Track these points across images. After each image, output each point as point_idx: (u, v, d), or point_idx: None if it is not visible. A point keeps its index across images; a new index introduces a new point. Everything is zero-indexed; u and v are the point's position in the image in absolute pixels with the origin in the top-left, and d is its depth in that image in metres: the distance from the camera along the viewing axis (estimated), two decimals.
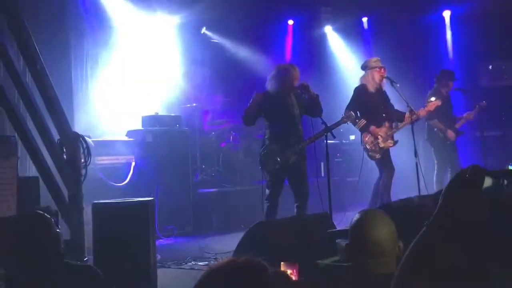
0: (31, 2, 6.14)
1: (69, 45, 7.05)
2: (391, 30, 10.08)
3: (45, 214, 2.78)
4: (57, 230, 2.78)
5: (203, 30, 9.66)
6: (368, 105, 6.61)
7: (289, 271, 2.95)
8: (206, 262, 5.37)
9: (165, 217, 6.69)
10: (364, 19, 10.69)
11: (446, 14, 10.02)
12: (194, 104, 8.41)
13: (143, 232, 4.34)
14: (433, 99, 6.78)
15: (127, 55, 8.02)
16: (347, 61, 10.71)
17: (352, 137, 9.81)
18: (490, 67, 9.98)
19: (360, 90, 6.72)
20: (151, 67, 8.34)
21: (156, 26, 8.66)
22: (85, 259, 4.49)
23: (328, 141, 5.97)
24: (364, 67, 6.83)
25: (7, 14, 3.85)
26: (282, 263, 3.02)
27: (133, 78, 8.02)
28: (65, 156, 4.40)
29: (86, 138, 4.78)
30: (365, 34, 10.71)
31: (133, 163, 6.79)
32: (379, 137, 6.54)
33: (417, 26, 9.89)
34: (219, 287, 1.37)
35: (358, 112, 6.59)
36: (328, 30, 10.96)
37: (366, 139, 6.58)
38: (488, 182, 1.76)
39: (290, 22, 10.71)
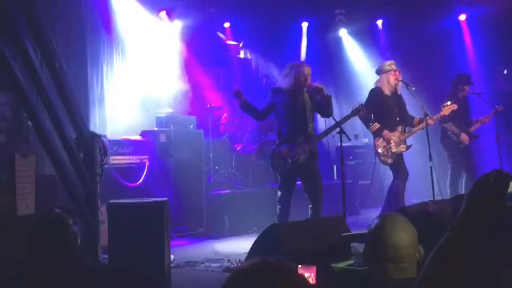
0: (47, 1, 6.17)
1: (85, 44, 7.08)
2: (406, 33, 10.03)
3: (63, 213, 2.80)
4: (75, 229, 2.79)
5: (219, 34, 9.68)
6: (383, 108, 6.59)
7: (306, 274, 2.94)
8: (219, 264, 5.36)
9: (178, 218, 6.70)
10: (379, 22, 10.64)
11: (462, 17, 9.96)
12: (208, 105, 8.42)
13: (158, 232, 4.35)
14: (448, 103, 6.73)
15: (141, 55, 8.05)
16: (361, 64, 10.67)
17: (365, 140, 9.78)
18: (505, 71, 9.91)
19: (375, 93, 6.70)
20: (165, 67, 8.37)
21: (171, 27, 8.69)
22: (100, 259, 4.51)
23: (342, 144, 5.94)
24: (378, 71, 6.82)
25: (26, 12, 3.88)
26: (299, 266, 3.00)
27: (147, 78, 8.04)
28: (81, 155, 4.43)
29: (102, 138, 4.81)
30: (380, 37, 10.67)
31: (147, 163, 6.80)
32: (391, 141, 6.51)
33: (433, 30, 9.81)
34: (250, 285, 1.36)
35: (372, 115, 6.57)
36: (343, 33, 10.93)
37: (378, 143, 6.55)
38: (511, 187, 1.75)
39: (305, 24, 10.70)
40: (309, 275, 2.97)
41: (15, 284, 2.55)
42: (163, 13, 8.58)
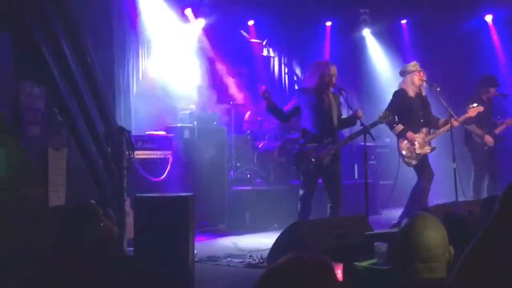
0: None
1: (111, 40, 7.16)
2: (431, 34, 9.96)
3: (94, 205, 2.85)
4: (106, 220, 2.84)
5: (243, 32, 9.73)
6: (407, 109, 6.57)
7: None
8: (241, 260, 5.41)
9: (200, 214, 6.75)
10: (403, 22, 10.58)
11: (488, 18, 9.85)
12: (231, 102, 8.47)
13: (183, 226, 4.41)
14: (474, 105, 6.69)
15: (166, 51, 8.13)
16: (384, 64, 10.62)
17: (387, 140, 9.74)
18: None
19: (400, 94, 6.69)
20: (189, 64, 8.43)
21: (195, 24, 8.76)
22: (125, 251, 4.58)
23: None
24: (402, 72, 6.80)
25: (59, 9, 3.95)
26: None
27: (171, 75, 8.12)
28: (109, 149, 4.50)
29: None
30: (404, 37, 10.60)
31: (171, 159, 6.88)
32: (416, 143, 6.49)
33: (458, 30, 9.73)
34: (288, 282, 1.37)
35: (396, 116, 6.55)
36: (366, 33, 10.89)
37: (402, 145, 6.53)
38: None
39: (328, 23, 10.69)
40: (336, 272, 3.00)
41: (47, 274, 2.59)
42: (188, 11, 8.65)
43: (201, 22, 8.83)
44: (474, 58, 9.58)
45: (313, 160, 5.76)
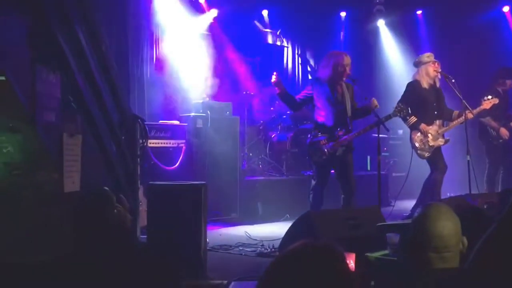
0: None
1: (126, 29, 7.19)
2: (447, 25, 9.86)
3: (108, 191, 2.86)
4: (119, 207, 2.85)
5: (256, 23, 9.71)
6: (420, 101, 6.54)
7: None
8: (253, 249, 5.43)
9: (212, 203, 6.78)
10: (419, 12, 10.48)
11: (506, 9, 9.72)
12: (244, 92, 8.47)
13: (195, 214, 4.43)
14: (489, 97, 6.63)
15: (179, 41, 8.14)
16: (400, 55, 10.54)
17: (400, 132, 9.71)
18: None
19: (413, 86, 6.65)
20: (202, 53, 8.44)
21: (209, 14, 8.76)
22: (138, 239, 4.61)
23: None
24: (417, 63, 6.75)
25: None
26: None
27: (185, 64, 8.13)
28: (123, 137, 4.53)
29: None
30: (419, 28, 10.51)
31: (184, 148, 6.91)
32: (429, 135, 6.46)
33: (475, 21, 9.59)
34: (298, 269, 1.38)
35: (409, 108, 6.51)
36: (381, 24, 10.81)
37: (415, 137, 6.50)
38: None
39: (343, 14, 10.62)
40: (349, 262, 3.00)
41: (60, 260, 2.61)
42: (202, 0, 8.65)
43: (214, 12, 8.83)
44: (491, 50, 9.46)
45: (326, 151, 5.77)
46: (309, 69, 10.70)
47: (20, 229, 3.34)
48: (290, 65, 10.64)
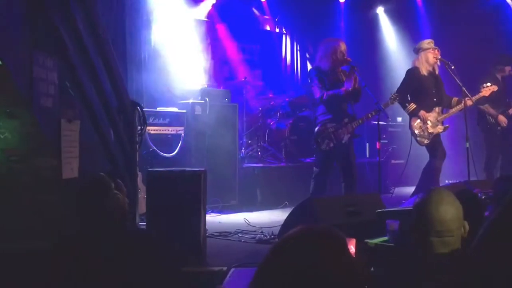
0: None
1: (123, 15, 7.12)
2: (447, 11, 9.78)
3: (106, 177, 2.84)
4: (118, 194, 2.83)
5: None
6: (419, 88, 6.51)
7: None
8: (252, 236, 5.43)
9: (211, 190, 6.76)
10: None
11: None
12: (243, 79, 8.43)
13: (195, 201, 4.42)
14: (488, 84, 6.59)
15: (178, 28, 8.08)
16: (399, 42, 10.49)
17: (399, 119, 9.70)
18: None
19: (412, 73, 6.61)
20: (201, 41, 8.39)
21: (207, 2, 8.71)
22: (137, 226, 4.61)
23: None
24: (417, 50, 6.70)
25: None
26: None
27: (183, 51, 8.07)
28: (121, 124, 4.50)
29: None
30: (419, 14, 10.44)
31: (182, 135, 6.88)
32: (428, 122, 6.44)
33: (476, 7, 9.52)
34: (299, 253, 1.35)
35: (408, 95, 6.51)
36: (380, 11, 10.74)
37: (415, 124, 6.48)
38: None
39: (342, 0, 10.55)
40: (349, 247, 2.99)
41: (60, 246, 2.60)
42: None
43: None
44: (492, 37, 9.36)
45: (334, 139, 5.86)
46: (307, 55, 10.65)
47: (18, 215, 3.32)
48: (288, 52, 10.59)
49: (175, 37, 7.99)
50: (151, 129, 6.49)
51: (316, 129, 5.96)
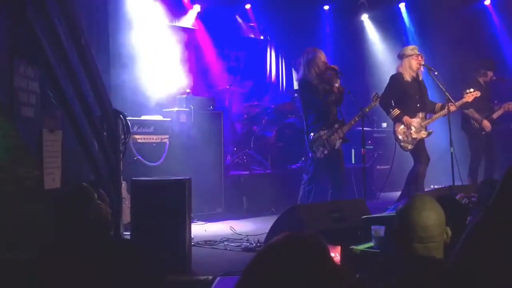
0: None
1: (106, 24, 7.09)
2: (430, 18, 9.87)
3: (88, 187, 2.81)
4: (100, 204, 2.80)
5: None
6: (403, 94, 6.55)
7: (331, 254, 2.95)
8: (238, 244, 5.40)
9: (197, 198, 6.72)
10: (402, 5, 10.48)
11: (487, 1, 9.74)
12: (228, 87, 8.43)
13: (180, 210, 4.39)
14: (471, 90, 6.65)
15: (161, 36, 8.06)
16: (384, 49, 10.55)
17: (384, 125, 9.75)
18: None
19: (396, 79, 6.65)
20: (185, 49, 8.37)
21: (192, 10, 8.71)
22: (121, 235, 4.56)
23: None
24: (400, 56, 6.74)
25: None
26: None
27: (167, 59, 8.04)
28: (105, 133, 4.47)
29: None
30: (403, 21, 10.51)
31: (167, 143, 6.85)
32: (412, 127, 6.48)
33: (458, 13, 9.60)
34: (282, 259, 1.35)
35: (392, 101, 6.55)
36: (365, 17, 10.81)
37: (399, 129, 6.51)
38: None
39: (326, 7, 10.60)
40: (334, 255, 2.99)
41: (42, 256, 2.57)
42: None
43: (197, 7, 8.77)
44: (474, 42, 9.46)
45: (327, 145, 5.95)
46: (292, 62, 10.68)
47: (0, 225, 3.27)
48: (273, 59, 10.61)
49: (158, 45, 7.96)
50: (136, 138, 6.46)
51: (311, 137, 6.02)
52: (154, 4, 8.01)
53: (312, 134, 6.03)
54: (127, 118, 5.02)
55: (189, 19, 8.78)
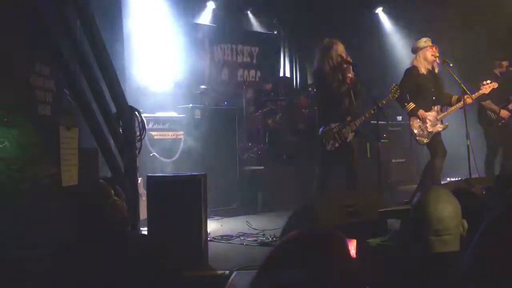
0: None
1: (120, 21, 7.13)
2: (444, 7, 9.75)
3: (105, 184, 2.83)
4: (117, 200, 2.83)
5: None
6: (418, 87, 6.49)
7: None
8: (254, 238, 5.42)
9: (213, 193, 6.75)
10: None
11: None
12: (243, 82, 8.44)
13: (196, 205, 4.42)
14: (488, 81, 6.57)
15: (175, 33, 8.09)
16: (398, 41, 10.47)
17: (399, 118, 9.68)
18: None
19: (411, 72, 6.59)
20: (198, 45, 8.39)
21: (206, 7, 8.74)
22: (138, 231, 4.60)
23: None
24: (414, 50, 6.67)
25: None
26: None
27: (181, 56, 8.08)
28: (121, 130, 4.50)
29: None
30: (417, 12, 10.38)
31: (182, 139, 6.88)
32: (427, 121, 6.42)
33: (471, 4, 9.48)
34: (300, 255, 1.36)
35: (407, 95, 6.49)
36: (379, 11, 10.73)
37: (414, 123, 6.46)
38: None
39: None
40: (350, 248, 2.98)
41: (60, 253, 2.60)
42: None
43: (211, 4, 8.80)
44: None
45: (338, 138, 5.91)
46: (305, 56, 10.64)
47: (19, 224, 3.32)
48: (287, 53, 10.58)
49: (172, 42, 7.99)
50: (152, 134, 6.51)
51: (320, 130, 5.99)
52: (169, 2, 8.04)
53: (322, 127, 6.01)
54: (142, 115, 5.05)
55: (206, 16, 8.81)
